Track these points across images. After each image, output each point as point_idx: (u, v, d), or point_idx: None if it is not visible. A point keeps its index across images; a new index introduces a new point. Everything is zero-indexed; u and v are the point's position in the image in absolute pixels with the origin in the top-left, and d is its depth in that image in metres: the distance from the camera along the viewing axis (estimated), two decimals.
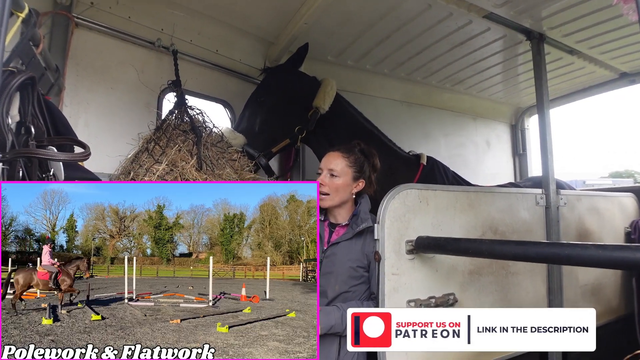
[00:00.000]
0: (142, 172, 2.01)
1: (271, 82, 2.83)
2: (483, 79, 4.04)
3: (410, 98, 4.16)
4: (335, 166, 2.03)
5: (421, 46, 3.32)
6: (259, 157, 2.63)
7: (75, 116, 2.38)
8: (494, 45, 3.29)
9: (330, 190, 2.00)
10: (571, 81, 4.04)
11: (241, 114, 2.82)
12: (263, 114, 2.73)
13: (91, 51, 2.47)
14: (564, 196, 2.60)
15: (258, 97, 2.78)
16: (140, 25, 2.64)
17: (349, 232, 2.00)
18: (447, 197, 2.08)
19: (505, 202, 2.33)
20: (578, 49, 3.34)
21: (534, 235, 2.44)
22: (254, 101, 2.79)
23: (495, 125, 4.88)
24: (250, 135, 2.65)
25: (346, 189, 2.03)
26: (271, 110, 2.74)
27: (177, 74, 2.57)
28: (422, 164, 2.89)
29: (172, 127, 2.27)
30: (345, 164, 2.05)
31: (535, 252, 1.42)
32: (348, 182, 2.04)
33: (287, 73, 2.87)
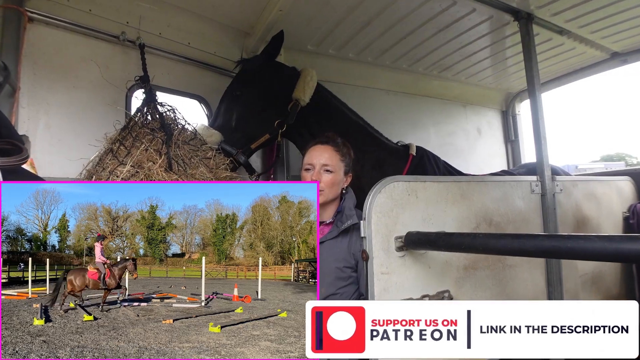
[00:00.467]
0: (105, 175, 1.85)
1: (247, 74, 2.67)
2: (471, 64, 3.91)
3: (397, 87, 4.03)
4: (330, 161, 1.93)
5: (404, 31, 3.18)
6: (237, 155, 2.48)
7: (34, 118, 2.21)
8: (481, 27, 3.15)
9: (326, 186, 1.90)
10: (562, 63, 3.92)
11: (216, 109, 2.66)
12: (240, 109, 2.58)
13: (49, 48, 2.30)
14: (560, 182, 2.50)
15: (234, 91, 2.62)
16: (103, 18, 2.47)
17: (333, 231, 1.89)
18: (437, 188, 1.95)
19: (499, 191, 2.21)
20: (568, 29, 3.21)
21: (531, 225, 2.34)
22: (229, 95, 2.63)
23: (486, 112, 4.77)
24: (226, 131, 2.49)
25: (339, 185, 1.95)
26: (248, 104, 2.59)
27: (144, 68, 2.40)
28: (412, 155, 2.75)
29: (139, 126, 2.11)
30: (338, 158, 1.95)
31: (533, 245, 1.25)
32: (341, 177, 1.95)
33: (263, 64, 2.69)
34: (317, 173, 1.91)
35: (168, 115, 2.30)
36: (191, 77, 2.91)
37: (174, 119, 2.31)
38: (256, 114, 2.59)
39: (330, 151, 1.95)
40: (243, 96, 2.59)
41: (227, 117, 2.57)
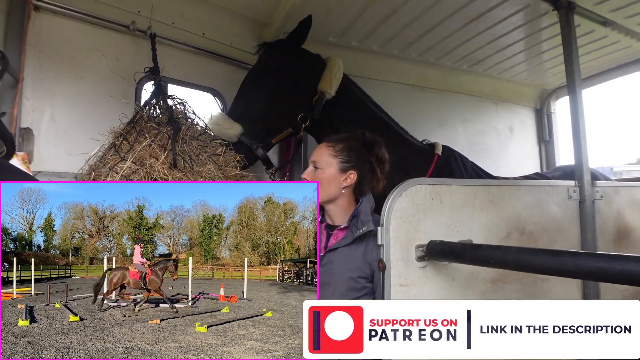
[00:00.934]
0: (105, 171, 1.75)
1: (271, 61, 2.48)
2: (504, 58, 3.66)
3: (424, 82, 3.82)
4: (318, 157, 1.79)
5: (432, 22, 2.97)
6: (257, 149, 2.35)
7: (39, 110, 2.13)
8: (516, 17, 2.92)
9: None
10: (604, 57, 3.63)
11: (235, 98, 2.48)
12: (262, 99, 2.40)
13: (56, 37, 2.21)
14: (600, 188, 2.26)
15: (256, 79, 2.44)
16: (113, 7, 2.37)
17: (348, 237, 1.73)
18: (464, 192, 1.77)
19: (532, 196, 2.01)
20: (612, 19, 2.93)
21: (567, 234, 2.12)
22: (250, 83, 2.45)
23: (519, 110, 4.48)
24: (247, 123, 2.34)
25: (331, 183, 1.76)
26: (272, 94, 2.41)
27: (154, 59, 2.29)
28: (437, 155, 2.55)
29: (144, 120, 1.99)
30: (328, 153, 1.79)
31: (575, 265, 1.07)
32: (333, 174, 1.76)
33: (288, 50, 2.51)
34: (309, 170, 1.80)
35: (177, 108, 2.19)
36: (205, 69, 2.79)
37: (183, 113, 2.20)
38: (280, 105, 2.43)
39: (322, 148, 1.82)
40: (267, 85, 2.41)
41: (248, 107, 2.40)
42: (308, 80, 2.46)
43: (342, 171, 1.77)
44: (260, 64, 2.51)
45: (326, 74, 2.46)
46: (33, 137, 2.06)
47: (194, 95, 2.77)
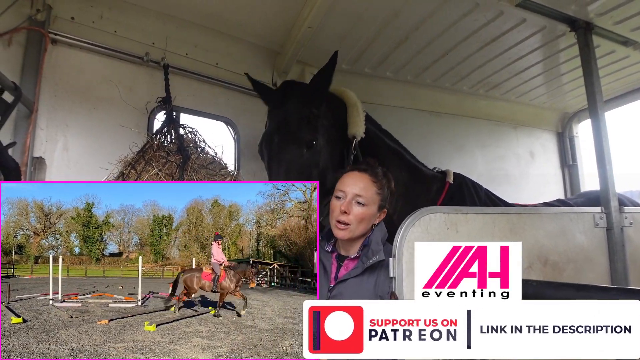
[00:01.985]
0: None
1: (313, 109, 2.06)
2: (522, 81, 3.58)
3: (440, 107, 3.76)
4: (365, 192, 1.64)
5: (446, 47, 2.94)
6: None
7: (52, 140, 2.17)
8: (532, 40, 2.86)
9: (355, 220, 1.62)
10: (626, 78, 3.53)
11: (275, 168, 2.04)
12: (319, 162, 2.03)
13: (71, 69, 2.27)
14: (629, 214, 2.14)
15: (303, 138, 2.01)
16: (128, 39, 2.43)
17: (358, 267, 1.64)
18: (481, 221, 1.70)
19: (556, 224, 1.91)
20: (633, 39, 2.85)
21: (595, 265, 2.00)
22: (295, 145, 2.02)
23: (539, 134, 4.36)
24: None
25: (370, 220, 1.65)
26: (324, 153, 2.05)
27: (167, 89, 2.33)
28: (448, 182, 2.42)
29: (154, 149, 1.99)
30: (375, 190, 1.66)
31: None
32: (374, 212, 1.65)
33: (321, 94, 2.12)
34: (348, 203, 1.63)
35: (188, 137, 2.19)
36: (218, 98, 2.81)
37: (194, 141, 2.19)
38: (332, 162, 2.06)
39: (366, 181, 1.67)
40: (317, 145, 2.02)
41: (301, 178, 2.03)
42: (339, 124, 2.15)
43: (380, 209, 1.67)
44: (296, 114, 2.06)
45: (354, 115, 2.16)
46: (45, 167, 2.07)
47: (207, 124, 2.77)
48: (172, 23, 2.54)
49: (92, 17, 2.32)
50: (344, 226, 1.62)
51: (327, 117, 2.11)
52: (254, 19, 2.62)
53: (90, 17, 2.32)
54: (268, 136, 2.10)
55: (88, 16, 2.31)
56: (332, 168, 2.05)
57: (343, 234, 1.63)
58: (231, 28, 2.69)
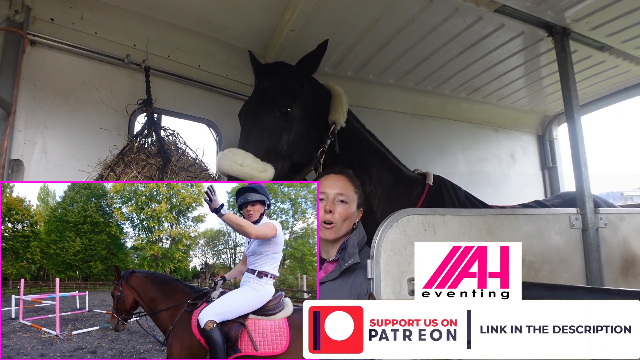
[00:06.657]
0: None
1: (289, 84, 2.13)
2: (502, 85, 3.63)
3: (422, 110, 3.81)
4: (345, 190, 1.75)
5: (428, 51, 2.97)
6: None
7: (30, 142, 2.14)
8: (511, 44, 2.90)
9: (339, 218, 1.71)
10: (603, 83, 3.60)
11: (248, 126, 2.10)
12: (290, 131, 2.08)
13: (51, 71, 2.25)
14: (604, 215, 2.19)
15: (279, 104, 2.07)
16: (109, 41, 2.41)
17: (335, 270, 1.69)
18: (459, 222, 1.71)
19: (532, 225, 1.94)
20: (609, 44, 2.92)
21: (570, 265, 2.04)
22: (270, 109, 2.07)
23: (520, 137, 4.44)
24: (276, 161, 2.01)
25: (352, 219, 1.76)
26: (298, 125, 2.10)
27: (148, 91, 2.32)
28: (428, 185, 2.46)
29: (134, 151, 1.98)
30: (352, 189, 1.78)
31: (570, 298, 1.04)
32: (354, 210, 1.77)
33: (305, 75, 2.24)
34: (331, 202, 1.72)
35: (169, 139, 2.18)
36: (201, 101, 2.80)
37: (174, 144, 2.19)
38: (305, 138, 2.13)
39: (344, 181, 1.78)
40: (293, 115, 2.08)
41: (272, 140, 2.04)
42: (321, 110, 2.24)
43: (358, 208, 1.78)
44: (280, 87, 2.13)
45: (336, 104, 2.25)
46: (23, 169, 2.05)
47: (189, 126, 2.76)
48: (154, 25, 2.53)
49: (72, 18, 2.30)
50: (330, 225, 1.70)
51: (308, 97, 2.20)
52: (236, 21, 2.61)
53: (71, 18, 2.29)
54: (248, 101, 2.22)
55: (68, 17, 2.29)
56: (304, 144, 2.13)
57: (329, 233, 1.70)
58: (213, 30, 2.68)
